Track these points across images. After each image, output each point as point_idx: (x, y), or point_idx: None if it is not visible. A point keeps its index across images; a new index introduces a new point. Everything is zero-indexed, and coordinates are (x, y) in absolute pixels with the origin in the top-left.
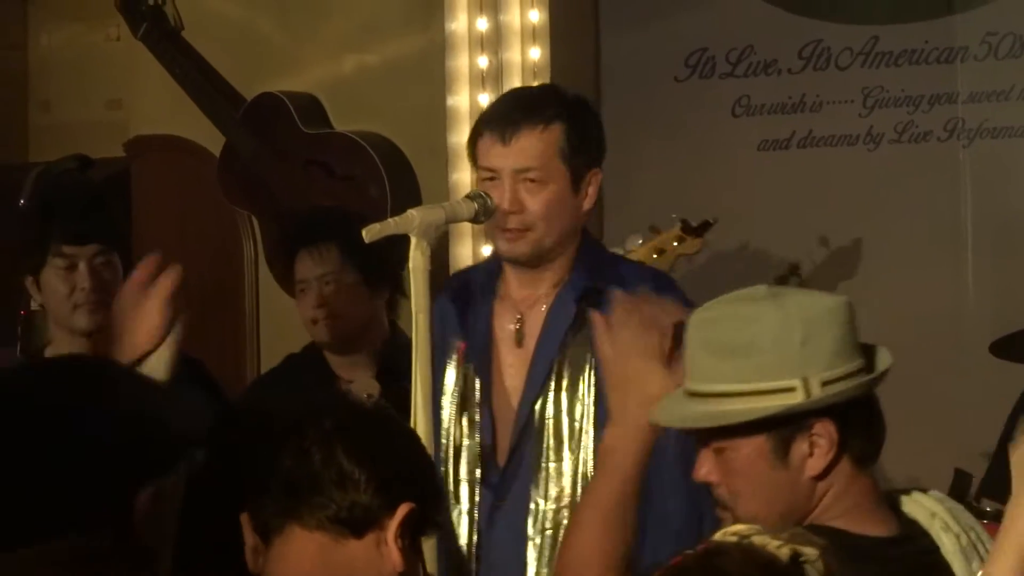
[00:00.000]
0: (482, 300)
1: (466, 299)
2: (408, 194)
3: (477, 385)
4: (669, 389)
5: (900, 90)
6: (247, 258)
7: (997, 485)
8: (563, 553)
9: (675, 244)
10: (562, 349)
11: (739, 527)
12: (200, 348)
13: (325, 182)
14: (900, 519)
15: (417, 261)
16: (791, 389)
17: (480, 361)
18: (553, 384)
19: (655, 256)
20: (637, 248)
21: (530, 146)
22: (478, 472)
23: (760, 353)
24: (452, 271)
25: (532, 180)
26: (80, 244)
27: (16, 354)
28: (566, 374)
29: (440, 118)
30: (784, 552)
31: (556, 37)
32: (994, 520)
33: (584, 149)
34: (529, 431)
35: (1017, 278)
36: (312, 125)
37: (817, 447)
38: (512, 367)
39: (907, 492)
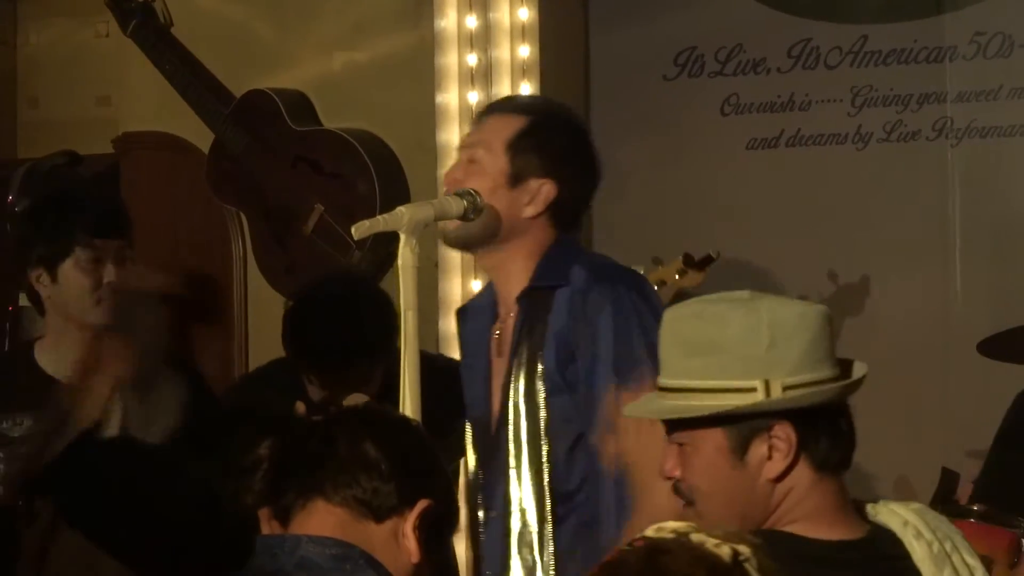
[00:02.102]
0: (484, 324)
1: (471, 323)
2: (397, 191)
3: (472, 411)
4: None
5: (889, 89)
6: (235, 254)
7: (992, 488)
8: None
9: (676, 277)
10: (515, 355)
11: (673, 523)
12: (188, 346)
13: (314, 179)
14: (869, 526)
15: (406, 258)
16: (752, 389)
17: (472, 370)
18: (512, 391)
19: (656, 288)
20: None
21: (489, 126)
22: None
23: (725, 352)
24: (440, 270)
25: (472, 160)
26: (108, 237)
27: (3, 349)
28: (522, 379)
29: (429, 116)
30: (724, 551)
31: (545, 35)
32: (981, 520)
33: (536, 152)
34: (500, 438)
35: (1005, 277)
36: (301, 122)
37: (776, 450)
38: (495, 375)
39: (880, 502)
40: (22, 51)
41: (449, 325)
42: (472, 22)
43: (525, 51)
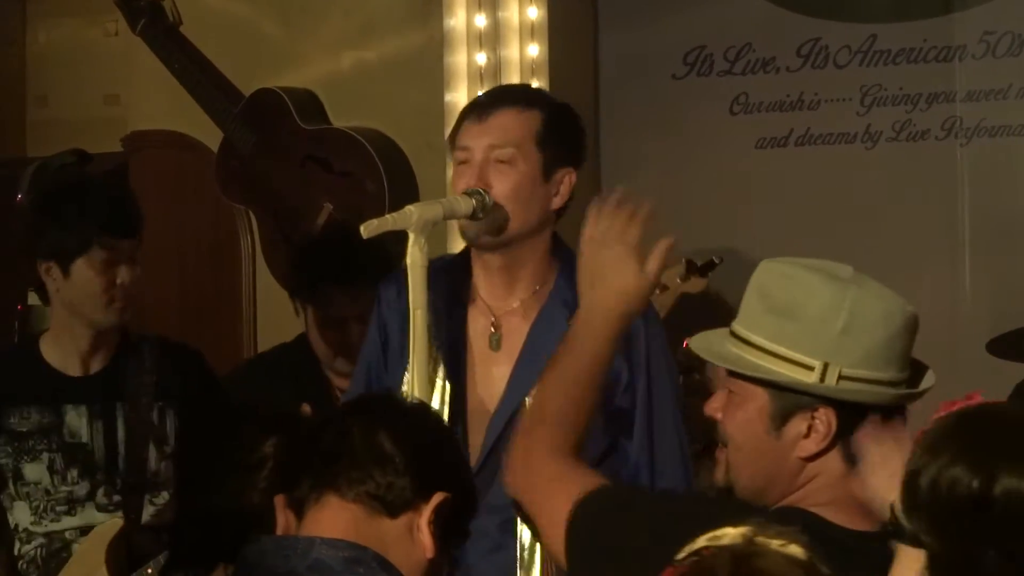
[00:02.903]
0: (454, 303)
1: (437, 291)
2: (406, 190)
3: (448, 388)
4: (641, 285)
5: (898, 88)
6: (244, 254)
7: None
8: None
9: (679, 282)
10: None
11: (729, 530)
12: (198, 342)
13: (323, 178)
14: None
15: (415, 257)
16: (809, 368)
17: (452, 365)
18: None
19: (658, 292)
20: None
21: (506, 123)
22: None
23: (800, 322)
24: None
25: (502, 161)
26: (126, 237)
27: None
28: None
29: (438, 115)
30: (796, 550)
31: (554, 34)
32: None
33: (560, 143)
34: (507, 436)
35: (1014, 276)
36: (310, 121)
37: (815, 431)
38: (487, 372)
39: None
40: (31, 50)
41: None
42: (481, 21)
43: (534, 50)
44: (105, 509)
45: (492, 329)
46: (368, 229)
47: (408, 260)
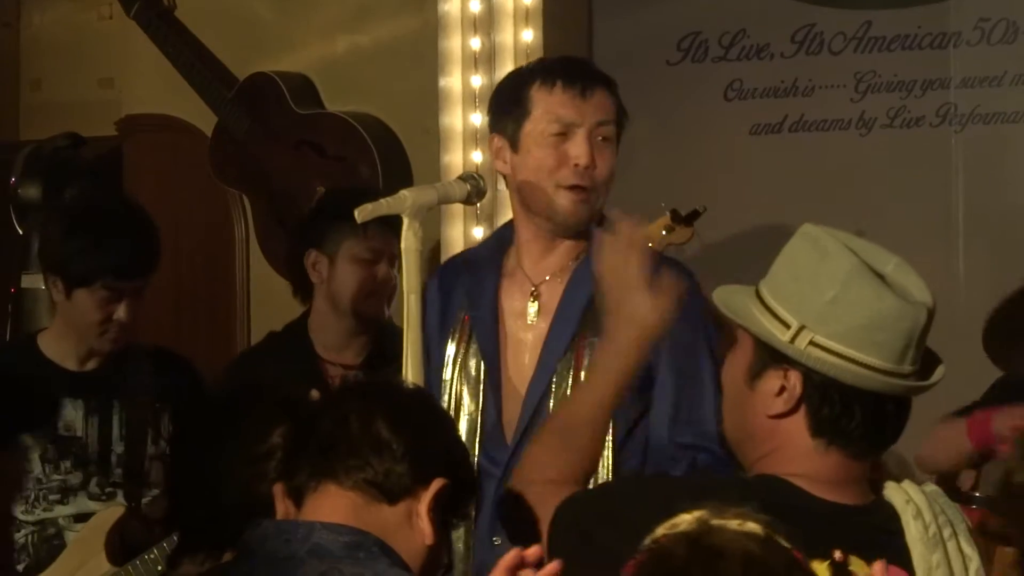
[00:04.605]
0: (488, 276)
1: (472, 273)
2: (400, 175)
3: (482, 361)
4: (657, 312)
5: (893, 75)
6: (238, 238)
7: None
8: (522, 461)
9: (664, 233)
10: (582, 327)
11: (685, 517)
12: (191, 327)
13: (317, 162)
14: (874, 498)
15: (409, 242)
16: (787, 326)
17: (486, 337)
18: (574, 362)
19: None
20: None
21: (605, 102)
22: (476, 445)
23: (802, 283)
24: (443, 252)
25: (605, 138)
26: (129, 280)
27: (5, 331)
28: (586, 352)
29: (432, 99)
30: (753, 527)
31: (549, 19)
32: (984, 506)
33: (623, 122)
34: (543, 409)
35: (1008, 264)
36: (304, 105)
37: (786, 391)
38: (523, 343)
39: (898, 481)
40: (25, 33)
41: None
42: (476, 6)
43: (528, 35)
44: (98, 498)
45: (532, 300)
46: (362, 214)
47: (403, 245)
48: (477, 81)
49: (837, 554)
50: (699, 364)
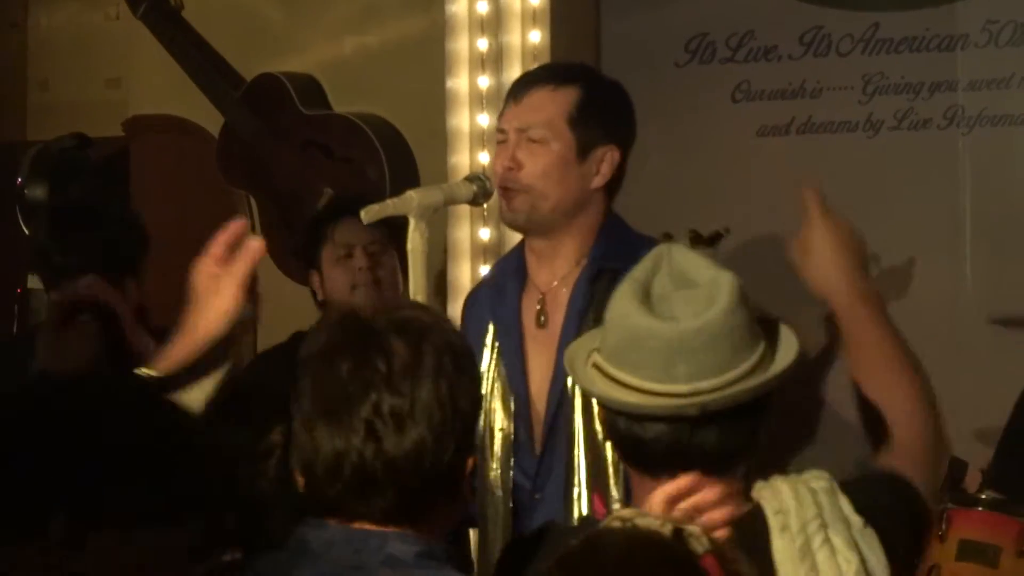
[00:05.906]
0: (511, 283)
1: (499, 282)
2: (407, 176)
3: (504, 369)
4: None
5: (900, 77)
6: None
7: (1005, 478)
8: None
9: None
10: (580, 334)
11: (623, 511)
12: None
13: (324, 163)
14: (749, 506)
15: (415, 243)
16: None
17: (507, 345)
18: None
19: None
20: None
21: (538, 104)
22: (512, 460)
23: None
24: (449, 254)
25: (533, 140)
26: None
27: (11, 331)
28: None
29: (439, 100)
30: (667, 529)
31: (556, 20)
32: (989, 508)
33: (598, 121)
34: (560, 419)
35: (1015, 266)
36: (311, 106)
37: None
38: (537, 351)
39: (776, 478)
40: (32, 33)
41: (457, 310)
42: (483, 7)
43: (536, 36)
44: None
45: (539, 306)
46: (368, 214)
47: (409, 246)
48: (484, 82)
49: None
50: None
